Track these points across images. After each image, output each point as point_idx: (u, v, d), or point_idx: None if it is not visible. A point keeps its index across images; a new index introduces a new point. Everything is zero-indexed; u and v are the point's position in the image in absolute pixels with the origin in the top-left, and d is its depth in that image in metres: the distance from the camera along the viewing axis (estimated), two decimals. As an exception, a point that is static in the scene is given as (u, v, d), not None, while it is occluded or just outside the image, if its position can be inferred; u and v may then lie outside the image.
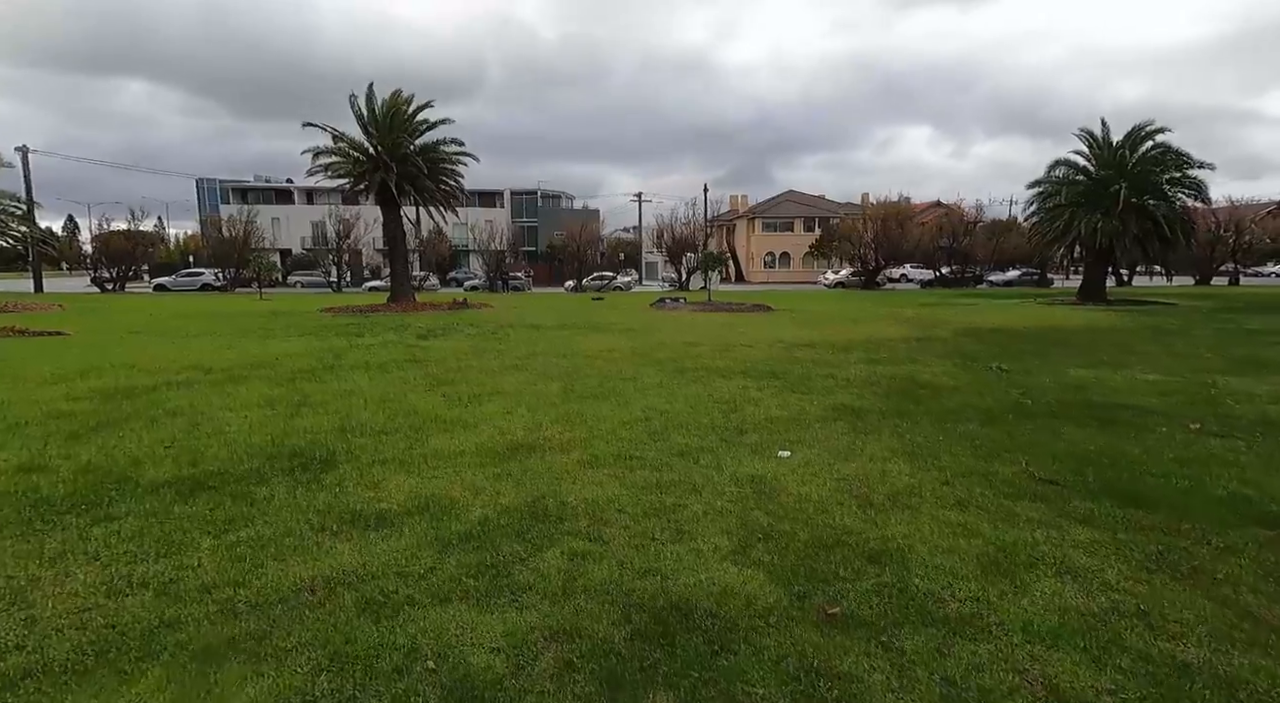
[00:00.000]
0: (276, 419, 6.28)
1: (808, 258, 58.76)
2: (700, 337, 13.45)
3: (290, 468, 4.79)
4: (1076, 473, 4.57)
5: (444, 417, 6.40)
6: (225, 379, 8.42)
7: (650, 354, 10.80)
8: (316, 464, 4.88)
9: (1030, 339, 12.69)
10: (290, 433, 5.77)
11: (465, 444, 5.43)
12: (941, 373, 8.81)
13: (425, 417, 6.41)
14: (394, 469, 4.78)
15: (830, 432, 5.80)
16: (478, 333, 14.26)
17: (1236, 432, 5.61)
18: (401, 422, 6.20)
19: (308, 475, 4.63)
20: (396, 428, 5.96)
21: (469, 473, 4.68)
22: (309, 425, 6.05)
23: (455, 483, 4.47)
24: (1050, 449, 5.17)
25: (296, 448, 5.29)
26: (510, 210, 63.61)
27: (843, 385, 8.00)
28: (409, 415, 6.46)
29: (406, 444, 5.43)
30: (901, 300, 27.89)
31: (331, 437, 5.66)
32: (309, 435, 5.69)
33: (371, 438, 5.62)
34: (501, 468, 4.80)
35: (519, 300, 30.56)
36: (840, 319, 17.71)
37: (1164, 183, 22.51)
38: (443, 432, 5.85)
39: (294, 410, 6.66)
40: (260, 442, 5.48)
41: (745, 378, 8.56)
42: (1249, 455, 4.93)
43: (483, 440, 5.55)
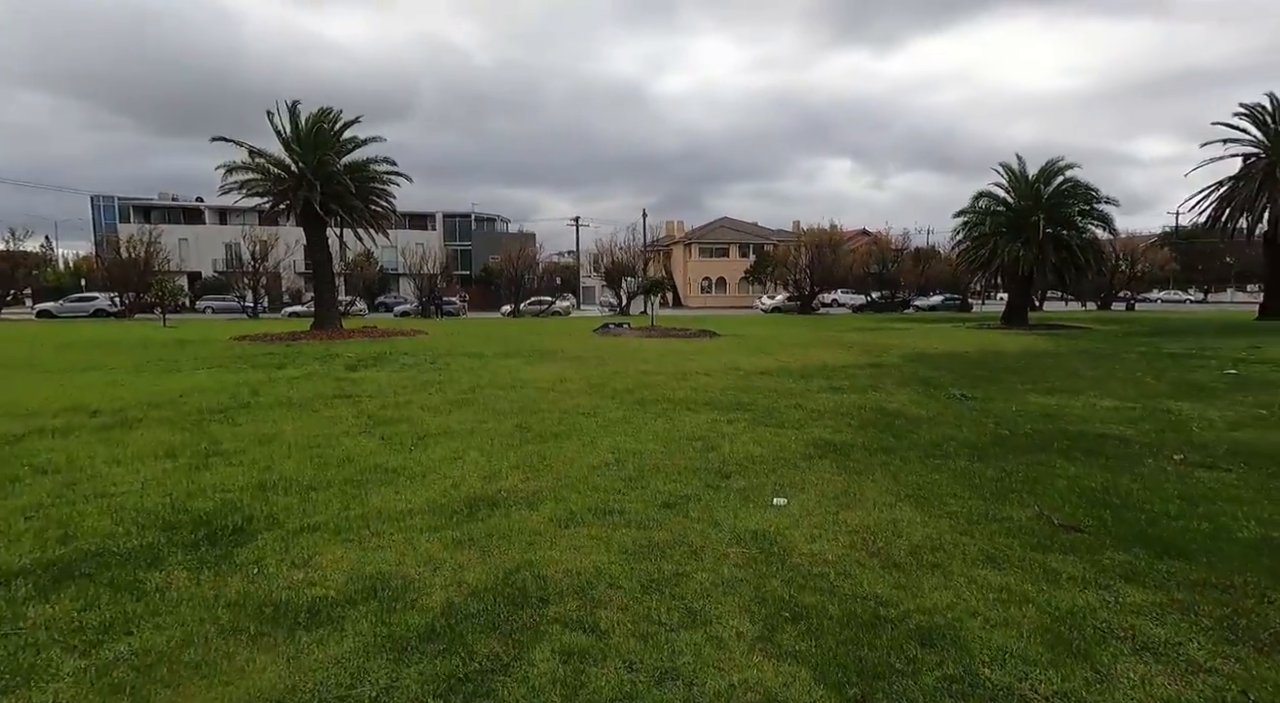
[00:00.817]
0: (177, 475, 5.27)
1: (743, 283, 59.92)
2: (654, 364, 12.95)
3: (194, 542, 3.89)
4: (1091, 516, 4.28)
5: (385, 465, 5.57)
6: (115, 423, 7.21)
7: (606, 384, 10.19)
8: (229, 535, 3.99)
9: (977, 365, 12.89)
10: (195, 493, 4.81)
11: (414, 500, 4.65)
12: (909, 402, 8.62)
13: (362, 466, 5.55)
14: (328, 538, 3.95)
15: (819, 472, 5.36)
16: (414, 363, 13.24)
17: (1218, 462, 5.53)
18: (334, 473, 5.32)
19: (217, 552, 3.75)
20: (329, 482, 5.09)
21: (422, 540, 3.92)
22: (219, 482, 5.09)
23: (407, 555, 3.70)
24: (1053, 487, 4.89)
25: (203, 513, 4.36)
26: (443, 233, 61.92)
27: (814, 417, 7.64)
28: (343, 465, 5.58)
29: (342, 503, 4.59)
30: (839, 325, 28.47)
31: (248, 496, 4.74)
32: (219, 496, 4.74)
33: (298, 496, 4.74)
34: (461, 531, 4.06)
35: (455, 326, 29.32)
36: (787, 345, 17.67)
37: (1075, 214, 24.06)
38: (385, 485, 5.03)
39: (200, 462, 5.65)
40: (155, 506, 4.50)
41: (712, 410, 8.09)
42: (1246, 490, 4.80)
43: (434, 495, 4.78)
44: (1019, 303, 25.55)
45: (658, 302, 34.57)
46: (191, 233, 55.46)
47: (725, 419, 7.56)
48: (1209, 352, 14.74)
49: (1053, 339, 19.23)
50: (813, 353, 15.31)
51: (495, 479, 5.19)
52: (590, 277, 60.76)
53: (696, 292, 61.16)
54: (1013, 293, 25.75)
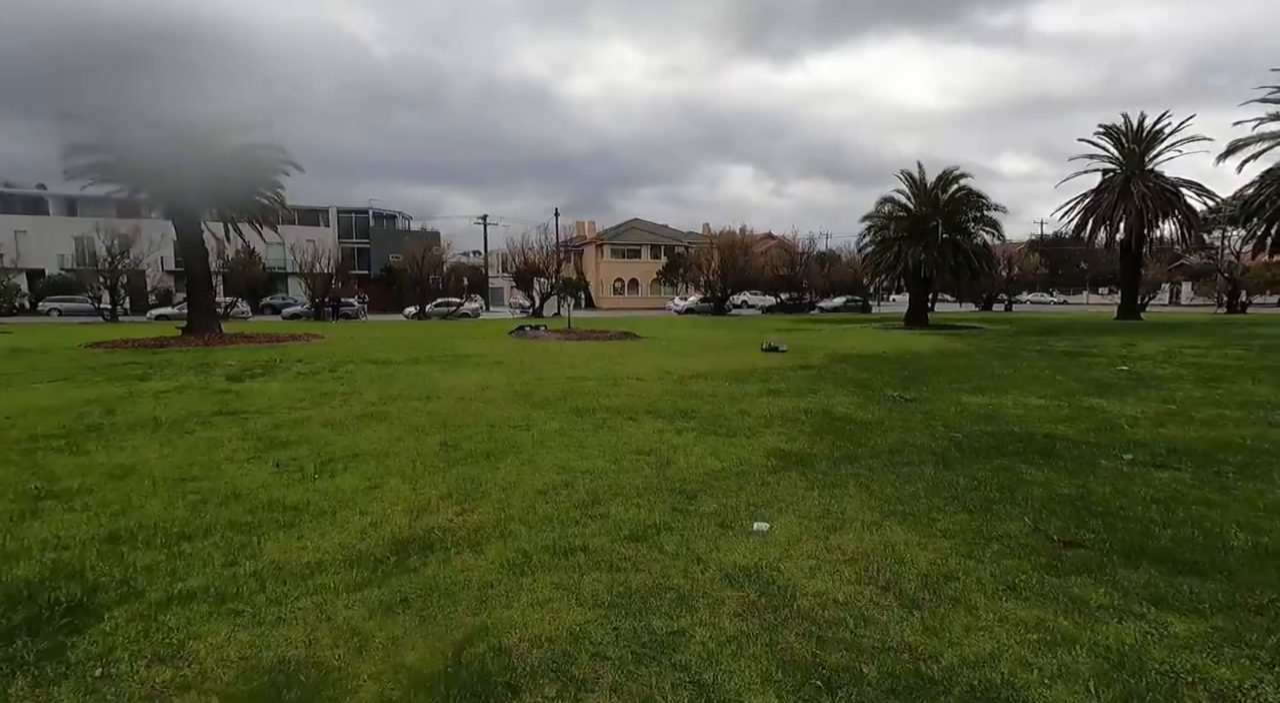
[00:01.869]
0: (-7, 528, 4.04)
1: (655, 284, 60.13)
2: (580, 369, 12.24)
3: (7, 630, 2.83)
4: (1083, 527, 4.07)
5: (283, 501, 4.57)
6: (-90, 457, 5.64)
7: (534, 392, 9.39)
8: (61, 616, 2.96)
9: (900, 365, 13.14)
10: (14, 554, 3.65)
11: (324, 547, 3.75)
12: (852, 405, 8.45)
13: (252, 503, 4.52)
14: (208, 611, 3.01)
15: (790, 488, 4.92)
16: (310, 371, 11.80)
17: (1167, 461, 5.60)
18: (215, 516, 4.27)
19: (40, 645, 2.73)
20: (208, 527, 4.06)
21: (340, 605, 3.07)
22: (52, 535, 3.92)
23: (320, 630, 2.85)
24: (1030, 496, 4.69)
25: (22, 585, 3.26)
26: (338, 230, 57.86)
27: (763, 424, 7.26)
28: (227, 503, 4.52)
29: (226, 557, 3.61)
30: (754, 326, 28.86)
31: (93, 554, 3.65)
32: (50, 556, 3.62)
33: (165, 550, 3.71)
34: (389, 588, 3.24)
35: (354, 330, 27.15)
36: (711, 347, 17.48)
37: (969, 221, 25.67)
38: (284, 528, 4.06)
39: (25, 508, 4.40)
40: (-47, 578, 3.34)
41: (655, 419, 7.52)
42: (1209, 490, 4.81)
43: (349, 538, 3.89)
44: (920, 304, 26.95)
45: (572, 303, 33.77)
46: (31, 224, 48.44)
47: (672, 429, 7.02)
48: (1094, 349, 15.91)
49: (956, 339, 20.26)
50: (738, 355, 15.14)
51: (424, 513, 4.35)
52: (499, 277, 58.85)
53: (609, 293, 60.73)
54: (914, 295, 27.16)
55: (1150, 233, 29.93)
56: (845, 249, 52.63)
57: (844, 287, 49.13)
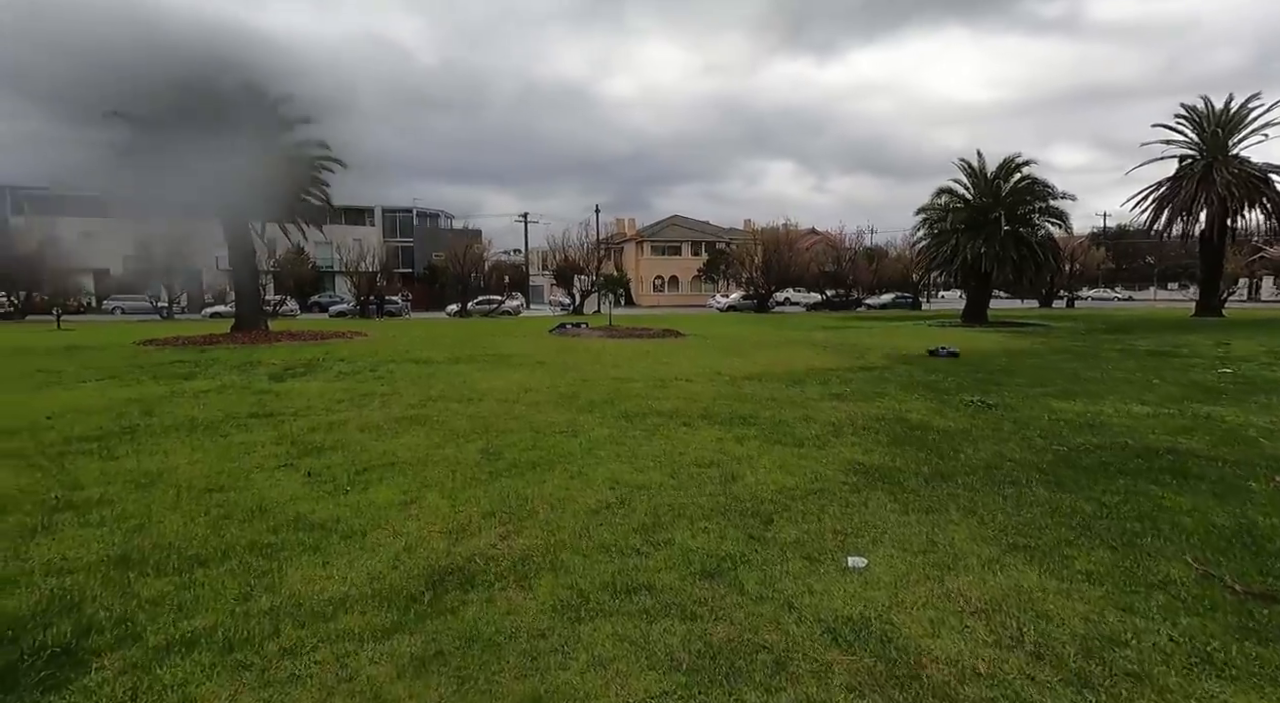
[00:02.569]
0: (2, 546, 3.68)
1: (696, 282, 59.32)
2: (625, 369, 11.69)
3: (-20, 683, 2.40)
4: (1266, 572, 3.29)
5: (311, 517, 4.12)
6: (-60, 461, 5.43)
7: (579, 394, 8.87)
8: (43, 664, 2.52)
9: (970, 365, 12.18)
10: (17, 578, 3.26)
11: (350, 578, 3.26)
12: (928, 411, 7.66)
13: (279, 519, 4.09)
14: (212, 661, 2.54)
15: (878, 511, 4.24)
16: (351, 370, 11.55)
17: (1331, 483, 4.71)
18: (236, 534, 3.85)
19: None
20: (226, 549, 3.62)
21: (364, 659, 2.55)
22: (59, 555, 3.54)
23: (338, 695, 2.33)
24: (1177, 526, 3.91)
25: (12, 621, 2.84)
26: (382, 229, 58.80)
27: (832, 432, 6.56)
28: (250, 519, 4.10)
29: (241, 589, 3.15)
30: (800, 324, 27.88)
31: (97, 580, 3.23)
32: (50, 581, 3.22)
33: (176, 577, 3.27)
34: (423, 637, 2.72)
35: (397, 328, 27.23)
36: (759, 345, 16.72)
37: (1033, 212, 24.15)
38: (309, 551, 3.60)
39: (40, 521, 4.05)
40: (-61, 610, 2.95)
41: (711, 424, 6.90)
42: (1405, 523, 3.94)
43: (380, 566, 3.40)
44: (979, 301, 25.53)
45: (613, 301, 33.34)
46: (98, 226, 50.51)
47: (732, 436, 6.38)
48: (1183, 349, 14.57)
49: (1022, 337, 18.98)
50: (790, 354, 14.37)
51: (464, 536, 3.84)
52: (539, 275, 58.89)
53: (649, 290, 60.14)
54: (972, 291, 25.73)
55: (1234, 223, 27.75)
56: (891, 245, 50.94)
57: (891, 283, 47.45)
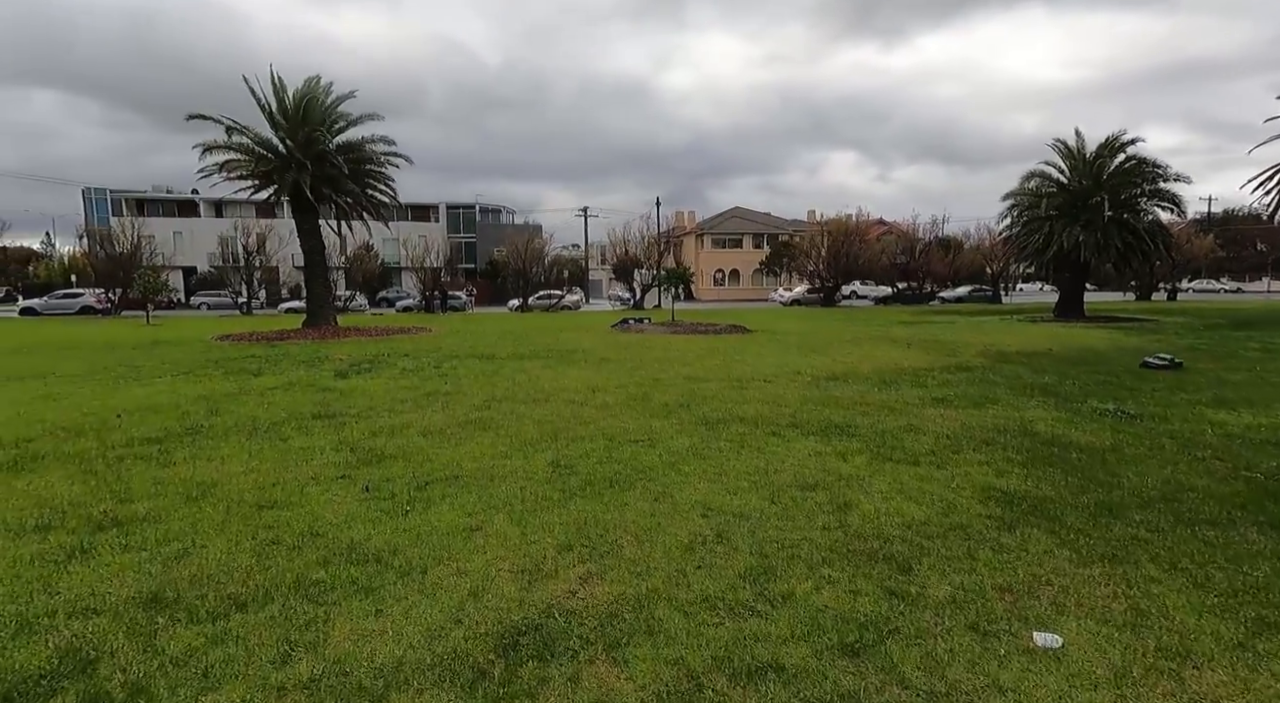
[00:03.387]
0: (33, 571, 3.31)
1: (757, 275, 57.76)
2: (696, 367, 10.97)
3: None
4: None
5: (365, 546, 3.60)
6: (3, 463, 5.25)
7: (651, 396, 8.21)
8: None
9: (1084, 365, 10.85)
10: (38, 621, 2.84)
11: (406, 637, 2.68)
12: (1056, 421, 6.61)
13: (330, 547, 3.59)
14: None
15: (1047, 559, 3.38)
16: (415, 367, 11.28)
17: None
18: (283, 566, 3.36)
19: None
20: (269, 588, 3.13)
21: (419, 771, 1.95)
22: (90, 589, 3.12)
23: None
24: None
25: (14, 681, 2.39)
26: (446, 225, 59.87)
27: (949, 447, 5.66)
28: (300, 546, 3.62)
29: (279, 648, 2.62)
30: (874, 318, 26.38)
31: (123, 629, 2.77)
32: (76, 626, 2.78)
33: (207, 628, 2.78)
34: (494, 735, 2.09)
35: (461, 323, 27.34)
36: (835, 342, 15.64)
37: (1141, 195, 21.87)
38: (360, 595, 3.06)
39: (83, 541, 3.69)
40: (-56, 662, 2.53)
41: (804, 435, 6.11)
42: None
43: (441, 619, 2.82)
44: (1074, 293, 23.37)
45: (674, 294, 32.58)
46: (186, 226, 53.49)
47: (832, 450, 5.58)
48: (1338, 348, 12.67)
49: (1130, 333, 17.13)
50: (872, 352, 13.29)
51: (538, 577, 3.23)
52: (597, 269, 58.65)
53: (709, 284, 58.98)
54: (1067, 282, 23.59)
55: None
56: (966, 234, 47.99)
57: (965, 276, 44.69)
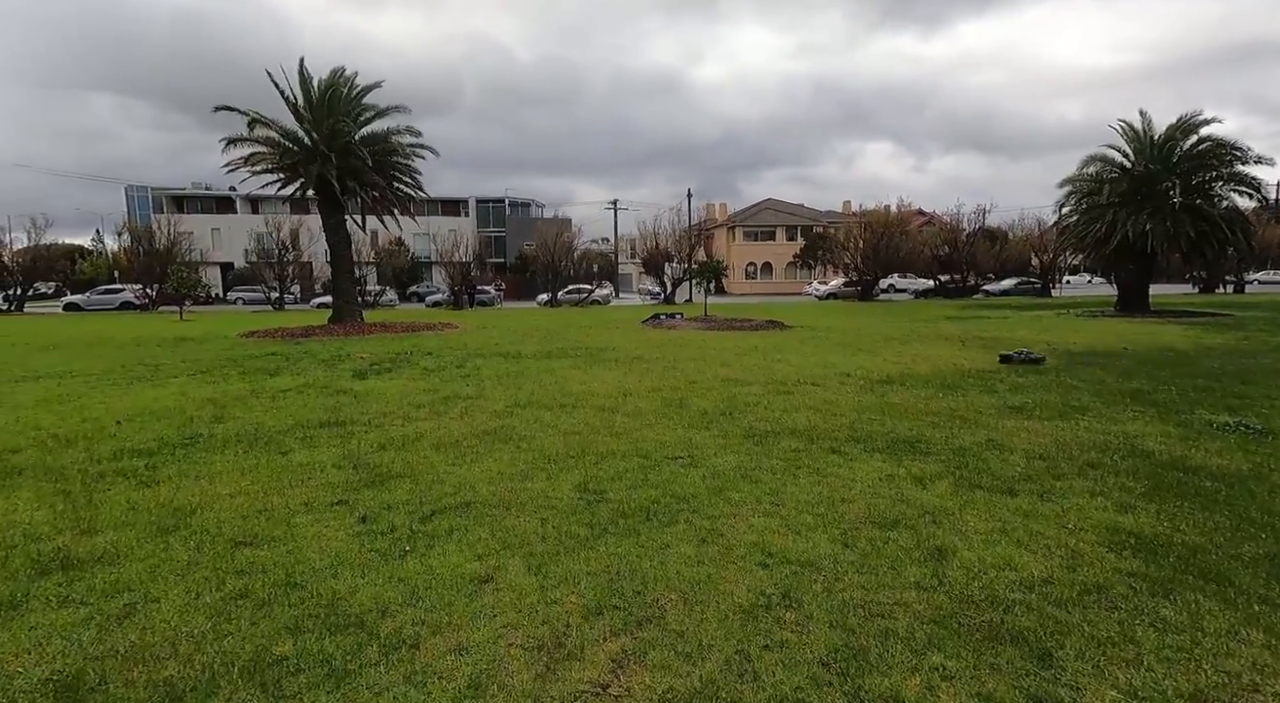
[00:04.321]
0: (-59, 638, 2.71)
1: (790, 268, 56.36)
2: (734, 367, 10.15)
3: None
4: None
5: (349, 604, 2.92)
6: (-29, 483, 4.75)
7: (688, 401, 7.44)
8: None
9: (1172, 367, 9.71)
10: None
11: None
12: (1169, 438, 5.64)
13: (307, 605, 2.92)
14: None
15: (1230, 642, 2.53)
16: (437, 367, 10.70)
17: None
18: (242, 637, 2.69)
19: None
20: (220, 668, 2.46)
21: None
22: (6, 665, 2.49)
23: None
24: None
25: None
26: (476, 219, 59.84)
27: (1049, 472, 4.77)
28: (270, 603, 2.95)
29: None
30: (917, 313, 25.10)
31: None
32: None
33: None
34: None
35: (489, 318, 26.92)
36: (881, 339, 14.63)
37: (1217, 179, 20.17)
38: (329, 685, 2.37)
39: (18, 595, 3.08)
40: None
41: (869, 452, 5.28)
42: None
43: (429, 729, 2.10)
44: (1139, 286, 21.75)
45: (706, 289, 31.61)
46: (224, 223, 54.44)
47: (905, 473, 4.74)
48: None
49: (1214, 331, 15.68)
50: (925, 351, 12.28)
51: (559, 659, 2.50)
52: (627, 263, 57.88)
53: (741, 277, 57.76)
54: (1130, 274, 21.96)
55: None
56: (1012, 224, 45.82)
57: (1011, 268, 42.63)
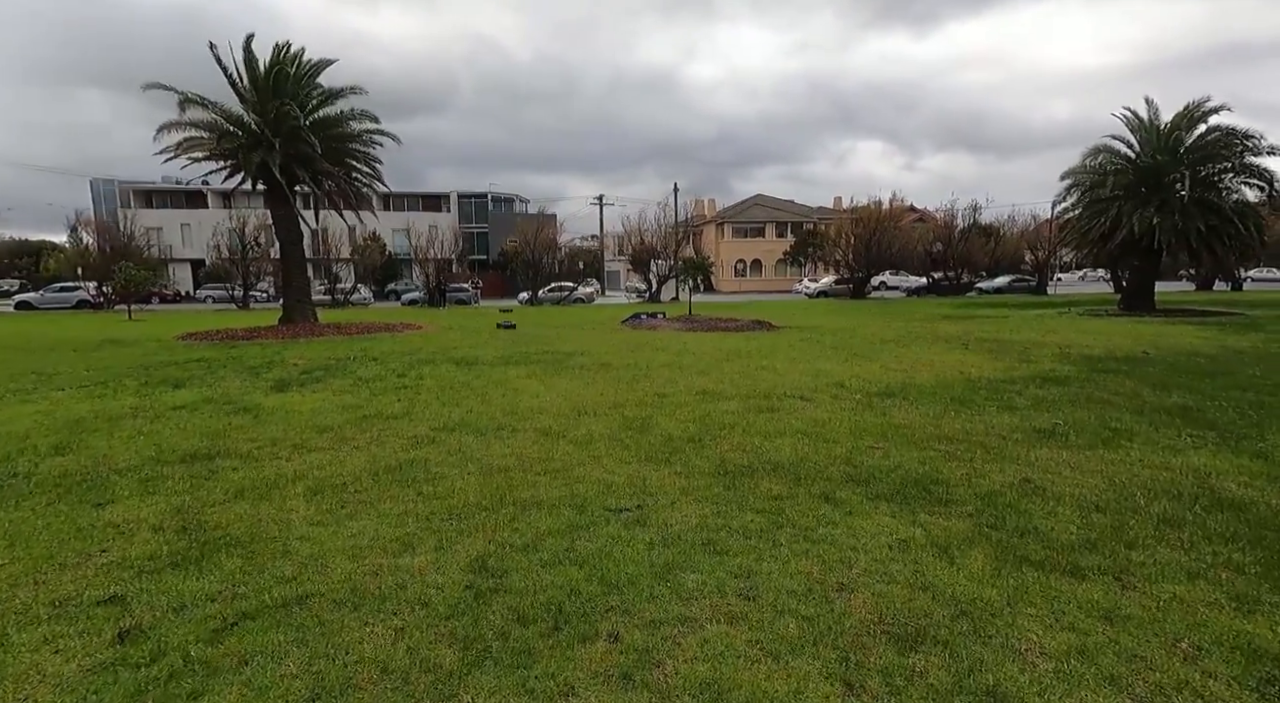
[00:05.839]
0: None
1: (780, 265, 55.23)
2: (713, 376, 8.88)
3: None
4: None
5: None
6: None
7: (651, 423, 6.16)
8: None
9: (1206, 376, 8.54)
10: None
11: None
12: (1247, 474, 4.43)
13: None
14: None
15: None
16: (374, 376, 9.35)
17: None
18: None
19: None
20: None
21: None
22: None
23: None
24: None
25: None
26: (458, 215, 58.18)
27: (1112, 531, 3.54)
28: None
29: None
30: (911, 312, 23.95)
31: None
32: None
33: None
34: None
35: (460, 318, 25.52)
36: (877, 341, 13.42)
37: (1227, 171, 19.12)
38: None
39: None
40: None
41: (872, 500, 4.03)
42: None
43: None
44: (1144, 283, 20.69)
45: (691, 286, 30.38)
46: (194, 218, 52.48)
47: (924, 536, 3.50)
48: None
49: (1232, 332, 14.59)
50: (925, 355, 11.08)
51: None
52: (615, 261, 56.47)
53: (730, 275, 56.52)
54: (1135, 272, 20.93)
55: None
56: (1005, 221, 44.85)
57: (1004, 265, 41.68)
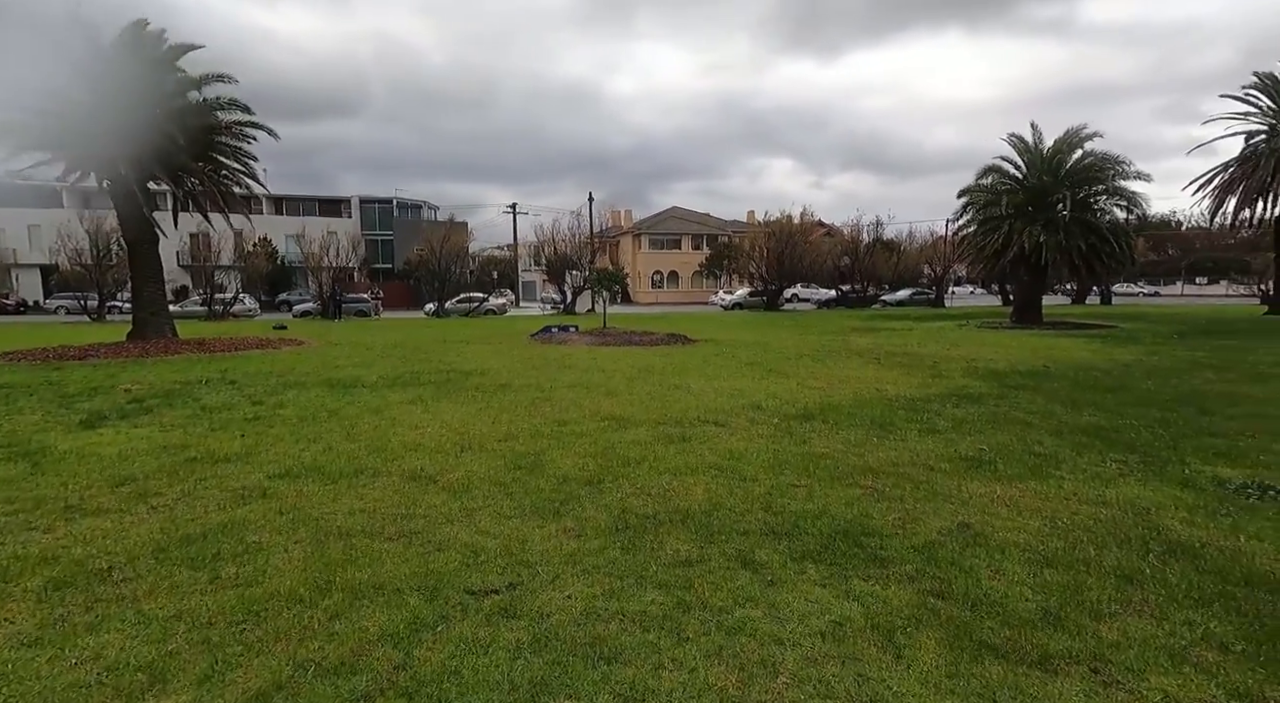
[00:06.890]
0: None
1: (697, 277, 55.66)
2: (622, 400, 8.08)
3: None
4: None
5: None
6: None
7: (544, 459, 5.26)
8: None
9: (1109, 392, 8.61)
10: None
11: None
12: (1193, 511, 4.08)
13: None
14: None
15: None
16: (223, 404, 7.90)
17: None
18: None
19: None
20: None
21: None
22: None
23: None
24: None
25: None
26: (360, 221, 54.92)
27: (1069, 593, 3.00)
28: None
29: None
30: (823, 324, 24.26)
31: None
32: None
33: None
34: None
35: (354, 332, 23.54)
36: (790, 355, 13.12)
37: (1101, 193, 20.53)
38: None
39: None
40: None
41: (798, 561, 3.34)
42: None
43: None
44: (1034, 297, 21.89)
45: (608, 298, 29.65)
46: (45, 218, 46.52)
47: (859, 614, 2.82)
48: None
49: (1114, 344, 15.39)
50: (841, 370, 10.79)
51: None
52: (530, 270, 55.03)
53: (646, 286, 56.37)
54: (1025, 286, 22.13)
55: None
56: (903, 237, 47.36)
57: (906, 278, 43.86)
